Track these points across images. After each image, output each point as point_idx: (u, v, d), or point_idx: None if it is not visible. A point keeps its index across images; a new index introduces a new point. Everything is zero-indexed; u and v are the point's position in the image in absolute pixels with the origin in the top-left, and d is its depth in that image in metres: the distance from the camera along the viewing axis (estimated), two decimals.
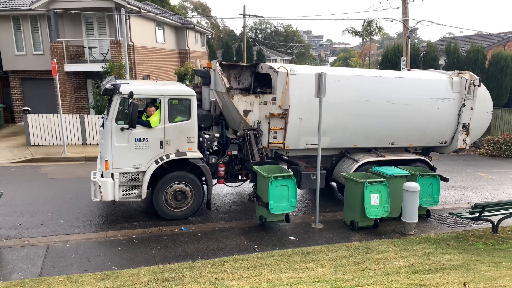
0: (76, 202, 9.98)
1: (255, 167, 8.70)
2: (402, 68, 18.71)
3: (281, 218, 8.71)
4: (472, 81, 10.44)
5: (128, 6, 18.00)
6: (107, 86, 8.35)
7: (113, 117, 8.22)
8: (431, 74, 11.09)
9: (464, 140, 10.77)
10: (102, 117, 9.42)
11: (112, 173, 8.31)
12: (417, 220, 8.65)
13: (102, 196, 8.30)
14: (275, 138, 9.46)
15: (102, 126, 8.65)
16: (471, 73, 10.75)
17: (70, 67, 18.54)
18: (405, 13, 19.17)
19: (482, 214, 8.46)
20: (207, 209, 9.40)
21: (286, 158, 9.84)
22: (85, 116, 16.11)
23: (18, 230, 8.30)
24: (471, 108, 10.54)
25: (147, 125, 8.42)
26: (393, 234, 8.65)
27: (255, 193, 8.83)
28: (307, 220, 9.39)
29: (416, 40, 59.37)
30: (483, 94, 10.83)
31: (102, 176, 8.42)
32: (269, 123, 9.30)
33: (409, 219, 8.57)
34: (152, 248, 7.58)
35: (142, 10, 19.89)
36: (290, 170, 9.00)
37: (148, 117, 8.65)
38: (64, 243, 7.73)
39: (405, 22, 19.22)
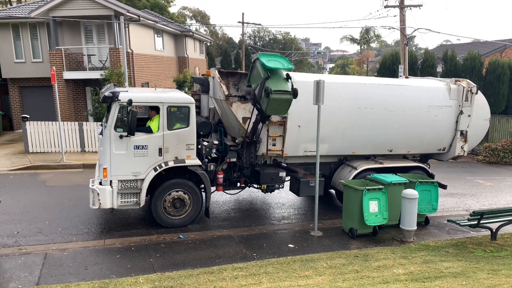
0: (74, 210, 9.95)
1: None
2: (400, 76, 18.79)
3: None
4: (469, 89, 10.49)
5: (127, 14, 18.11)
6: (106, 93, 8.38)
7: (112, 124, 8.23)
8: (428, 82, 11.15)
9: (462, 147, 10.80)
10: (101, 125, 9.43)
11: (111, 181, 8.30)
12: (416, 228, 8.64)
13: (100, 203, 8.28)
14: (274, 145, 9.47)
15: (101, 133, 8.65)
16: (468, 80, 10.82)
17: (69, 75, 18.60)
18: (402, 21, 19.33)
19: (481, 221, 8.46)
20: (205, 216, 9.39)
21: (285, 165, 9.85)
22: (84, 123, 16.13)
23: (15, 238, 8.26)
24: (469, 115, 10.59)
25: (149, 130, 8.44)
26: (392, 242, 8.64)
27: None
28: (306, 227, 9.38)
29: (413, 48, 59.80)
30: (480, 101, 10.89)
31: (100, 183, 8.41)
32: (267, 130, 9.31)
33: (408, 227, 8.56)
34: (151, 256, 7.55)
35: (141, 18, 19.99)
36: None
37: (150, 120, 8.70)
38: (62, 251, 7.69)
39: (402, 30, 19.36)
